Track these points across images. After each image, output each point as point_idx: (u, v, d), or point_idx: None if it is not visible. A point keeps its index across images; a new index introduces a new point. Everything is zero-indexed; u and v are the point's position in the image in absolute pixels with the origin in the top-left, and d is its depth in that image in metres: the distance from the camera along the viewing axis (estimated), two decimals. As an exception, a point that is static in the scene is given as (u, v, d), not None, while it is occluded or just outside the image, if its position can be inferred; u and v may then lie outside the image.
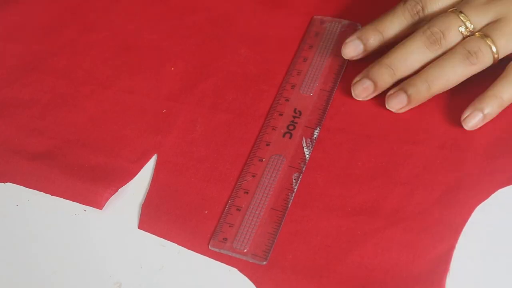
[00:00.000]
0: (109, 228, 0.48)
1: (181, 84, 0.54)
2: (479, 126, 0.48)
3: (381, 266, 0.44)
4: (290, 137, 0.50)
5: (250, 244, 0.45)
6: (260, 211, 0.47)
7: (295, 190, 0.47)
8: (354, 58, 0.52)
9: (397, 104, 0.49)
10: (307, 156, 0.49)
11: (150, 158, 0.50)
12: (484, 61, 0.48)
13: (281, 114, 0.51)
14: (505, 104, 0.48)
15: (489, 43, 0.48)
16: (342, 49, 0.52)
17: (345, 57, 0.52)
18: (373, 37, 0.51)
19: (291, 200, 0.47)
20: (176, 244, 0.46)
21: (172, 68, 0.55)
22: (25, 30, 0.60)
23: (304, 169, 0.48)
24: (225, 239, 0.46)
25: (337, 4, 0.58)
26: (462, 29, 0.48)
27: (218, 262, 0.45)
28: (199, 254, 0.46)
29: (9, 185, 0.50)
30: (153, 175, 0.50)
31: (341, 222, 0.46)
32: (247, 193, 0.48)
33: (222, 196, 0.48)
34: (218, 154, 0.50)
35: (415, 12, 0.51)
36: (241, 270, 0.45)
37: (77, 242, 0.47)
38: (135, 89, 0.54)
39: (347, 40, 0.52)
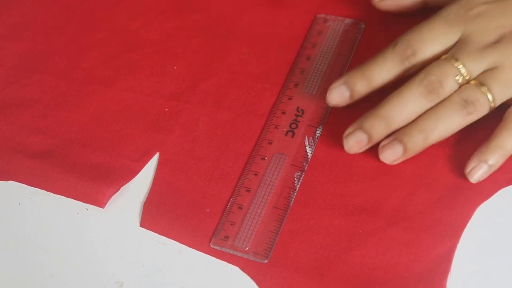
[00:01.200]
0: (111, 227, 0.49)
1: (184, 83, 0.55)
2: (485, 178, 0.47)
3: (382, 266, 0.44)
4: (293, 136, 0.51)
5: (252, 242, 0.46)
6: (261, 209, 0.48)
7: (297, 188, 0.48)
8: (340, 106, 0.50)
9: (391, 155, 0.48)
10: (309, 155, 0.50)
11: (152, 156, 0.51)
12: (481, 110, 0.47)
13: (284, 113, 0.52)
14: (509, 153, 0.47)
15: (485, 92, 0.47)
16: (327, 95, 0.50)
17: (329, 105, 0.51)
18: (360, 84, 0.50)
19: (293, 199, 0.48)
20: (177, 243, 0.47)
21: (175, 67, 0.56)
22: (26, 30, 0.61)
23: (306, 168, 0.49)
24: (226, 237, 0.47)
25: (341, 3, 0.59)
26: (459, 78, 0.48)
27: (219, 261, 0.46)
28: (200, 253, 0.47)
29: (11, 183, 0.51)
30: (155, 174, 0.51)
31: (342, 221, 0.46)
32: (249, 191, 0.48)
33: (224, 194, 0.49)
34: (220, 153, 0.51)
35: (405, 57, 0.49)
36: (242, 269, 0.45)
37: (79, 240, 0.48)
38: (137, 88, 0.55)
39: (333, 86, 0.50)
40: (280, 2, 0.60)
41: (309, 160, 0.49)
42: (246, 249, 0.46)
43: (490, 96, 0.47)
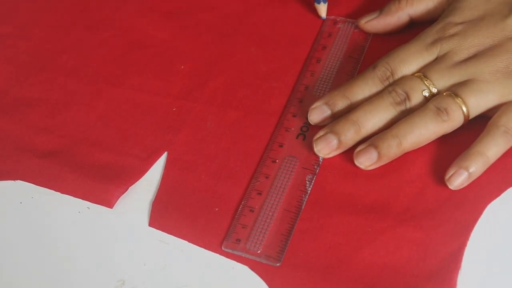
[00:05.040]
0: (112, 226, 0.52)
1: (191, 82, 0.60)
2: (464, 185, 0.51)
3: (392, 264, 0.48)
4: (304, 139, 0.55)
5: (264, 245, 0.50)
6: (273, 212, 0.51)
7: (309, 191, 0.52)
8: (321, 124, 0.55)
9: (366, 160, 0.52)
10: (321, 158, 0.54)
11: (160, 156, 0.55)
12: (454, 118, 0.52)
13: (294, 116, 0.56)
14: (490, 162, 0.51)
15: (458, 101, 0.52)
16: (308, 114, 0.55)
17: (311, 123, 0.55)
18: (341, 103, 0.54)
19: (304, 202, 0.52)
20: (179, 242, 0.51)
21: (182, 66, 0.61)
22: (34, 28, 0.65)
23: (317, 170, 0.53)
24: (238, 240, 0.50)
25: (350, 3, 0.63)
26: (426, 93, 0.53)
27: (222, 260, 0.50)
28: (202, 252, 0.50)
29: (12, 182, 0.55)
30: (164, 173, 0.54)
31: (351, 220, 0.50)
32: (260, 194, 0.52)
33: (233, 193, 0.53)
34: (228, 152, 0.55)
35: (384, 78, 0.54)
36: (252, 268, 0.49)
37: (80, 239, 0.52)
38: (144, 88, 0.60)
39: (314, 105, 0.55)
40: (287, 2, 0.64)
41: (320, 163, 0.53)
42: (258, 252, 0.50)
43: (463, 106, 0.52)
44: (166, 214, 0.52)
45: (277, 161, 0.54)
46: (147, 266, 0.50)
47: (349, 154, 0.53)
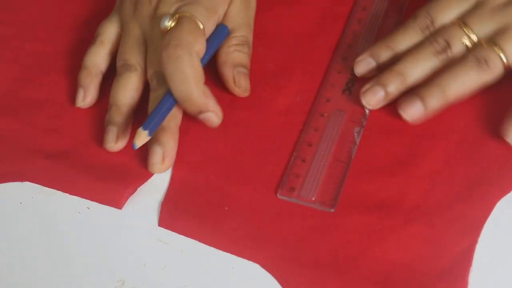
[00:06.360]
0: (112, 226, 0.54)
1: None
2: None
3: (403, 262, 0.49)
4: (350, 94, 0.59)
5: (317, 193, 0.53)
6: (324, 162, 0.55)
7: (357, 143, 0.55)
8: (367, 76, 0.58)
9: (413, 111, 0.55)
10: (367, 110, 0.57)
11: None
12: (495, 68, 0.54)
13: (339, 72, 0.60)
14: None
15: (497, 51, 0.54)
16: (354, 67, 0.58)
17: (357, 75, 0.58)
18: (385, 54, 0.57)
19: (354, 152, 0.55)
20: (179, 242, 0.53)
21: None
22: (42, 30, 0.64)
23: (365, 123, 0.56)
24: (292, 188, 0.53)
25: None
26: (466, 40, 0.55)
27: (221, 260, 0.52)
28: (201, 252, 0.52)
29: (11, 182, 0.55)
30: (172, 173, 0.56)
31: (362, 218, 0.52)
32: (311, 146, 0.56)
33: (242, 192, 0.54)
34: (236, 151, 0.56)
35: (425, 27, 0.57)
36: (263, 266, 0.51)
37: (80, 239, 0.53)
38: None
39: (359, 58, 0.58)
40: (294, 2, 0.65)
41: (367, 116, 0.57)
42: (313, 199, 0.53)
43: (503, 56, 0.54)
44: (175, 214, 0.54)
45: (325, 114, 0.58)
46: (147, 266, 0.51)
47: (358, 152, 0.56)
